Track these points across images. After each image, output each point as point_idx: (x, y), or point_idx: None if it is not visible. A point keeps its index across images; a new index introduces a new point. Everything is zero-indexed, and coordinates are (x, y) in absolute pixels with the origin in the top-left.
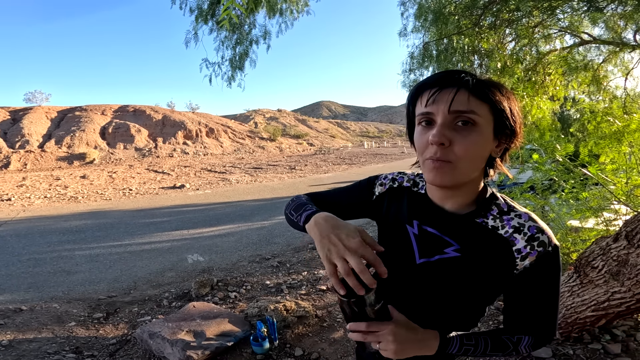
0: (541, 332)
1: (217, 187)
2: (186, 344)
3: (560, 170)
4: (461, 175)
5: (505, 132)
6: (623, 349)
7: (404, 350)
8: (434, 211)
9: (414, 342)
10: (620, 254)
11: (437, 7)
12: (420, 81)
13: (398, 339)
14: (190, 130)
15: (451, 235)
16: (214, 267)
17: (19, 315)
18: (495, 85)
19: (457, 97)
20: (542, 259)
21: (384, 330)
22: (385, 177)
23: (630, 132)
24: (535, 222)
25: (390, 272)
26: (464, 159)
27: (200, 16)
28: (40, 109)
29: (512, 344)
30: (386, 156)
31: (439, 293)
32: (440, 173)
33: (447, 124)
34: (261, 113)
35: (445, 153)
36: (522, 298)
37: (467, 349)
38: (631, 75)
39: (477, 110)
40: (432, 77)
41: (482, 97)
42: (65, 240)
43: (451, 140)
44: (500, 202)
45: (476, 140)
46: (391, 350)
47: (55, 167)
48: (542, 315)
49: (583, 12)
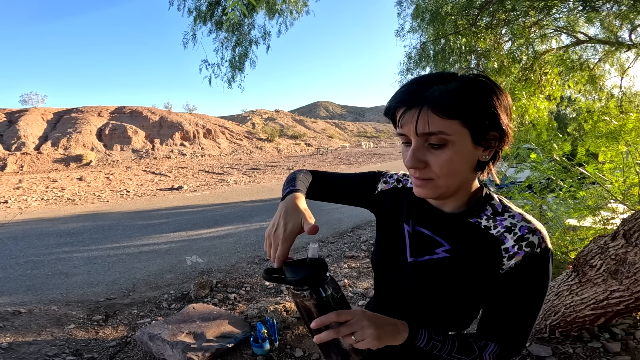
0: (509, 341)
1: (215, 188)
2: (186, 345)
3: (557, 169)
4: (445, 189)
5: (489, 136)
6: (622, 347)
7: (382, 336)
8: (430, 212)
9: (387, 326)
10: (618, 252)
11: (434, 7)
12: (391, 97)
13: (373, 322)
14: (187, 132)
15: (443, 236)
16: (213, 269)
17: (17, 317)
18: (470, 91)
19: (420, 118)
20: (528, 260)
21: (356, 317)
22: (390, 176)
23: (627, 131)
24: (528, 223)
25: (384, 268)
26: (443, 176)
27: (199, 17)
28: (36, 111)
29: (478, 349)
30: (384, 156)
31: (429, 293)
32: (423, 189)
33: (419, 146)
34: (259, 114)
35: (424, 173)
36: (499, 301)
37: (434, 345)
38: (627, 74)
39: (446, 129)
40: (399, 93)
41: (449, 114)
42: (63, 243)
43: (426, 162)
44: (495, 202)
45: (450, 157)
46: (371, 336)
47: (52, 169)
48: (514, 323)
49: (579, 11)
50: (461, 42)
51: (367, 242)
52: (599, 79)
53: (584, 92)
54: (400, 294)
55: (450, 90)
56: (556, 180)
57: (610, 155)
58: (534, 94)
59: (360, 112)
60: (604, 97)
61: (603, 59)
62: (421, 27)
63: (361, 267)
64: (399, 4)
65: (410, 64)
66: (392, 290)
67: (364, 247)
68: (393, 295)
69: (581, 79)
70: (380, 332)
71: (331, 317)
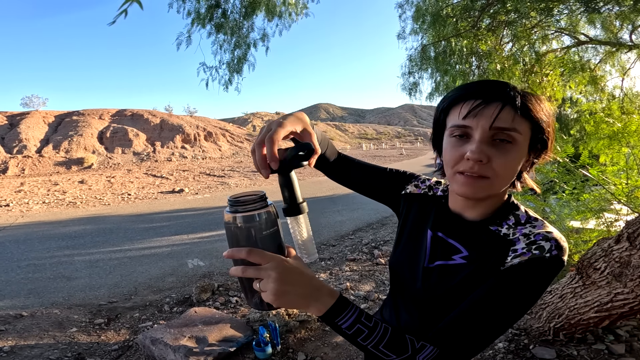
0: (456, 349)
1: (216, 191)
2: (188, 350)
3: (560, 171)
4: (495, 190)
5: (538, 147)
6: (627, 349)
7: (285, 296)
8: (451, 218)
9: (302, 287)
10: (623, 255)
11: (435, 9)
12: (458, 90)
13: (283, 276)
14: (188, 134)
15: (462, 242)
16: (215, 272)
17: (19, 321)
18: (537, 100)
19: (502, 113)
20: (532, 262)
21: (268, 262)
22: (423, 181)
23: (630, 132)
24: (547, 231)
25: (401, 271)
26: (501, 176)
27: (198, 19)
28: (37, 114)
29: (412, 349)
30: (385, 158)
31: (442, 298)
32: (474, 187)
33: (485, 139)
34: (259, 116)
35: (483, 169)
36: (474, 297)
37: (359, 329)
38: (628, 75)
39: (519, 128)
40: (472, 87)
41: (525, 114)
42: (65, 246)
43: (489, 157)
44: (520, 213)
45: (514, 157)
46: (270, 290)
47: (53, 172)
48: (475, 328)
49: (580, 12)
50: (462, 44)
51: (369, 244)
52: (600, 80)
53: (585, 93)
54: (415, 298)
55: (526, 94)
56: (559, 182)
57: (611, 156)
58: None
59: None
60: (606, 98)
61: (604, 60)
62: (422, 29)
63: (363, 269)
64: (399, 7)
65: (412, 66)
66: (407, 294)
67: (366, 249)
68: (407, 298)
69: (582, 80)
70: (285, 290)
71: (241, 253)
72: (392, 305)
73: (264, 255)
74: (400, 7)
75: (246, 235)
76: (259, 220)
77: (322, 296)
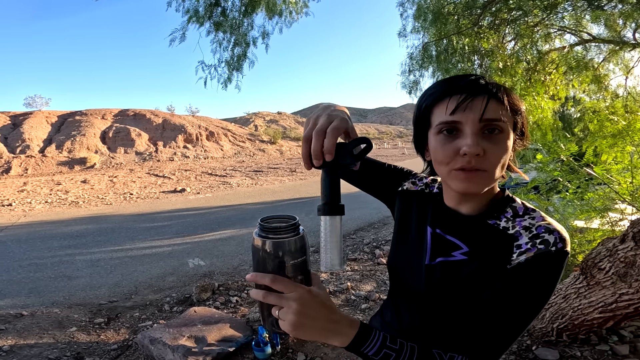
0: (483, 354)
1: (217, 190)
2: (187, 349)
3: (564, 170)
4: (492, 182)
5: (518, 134)
6: (631, 350)
7: (305, 327)
8: (448, 214)
9: (322, 321)
10: (628, 255)
11: (436, 7)
12: (439, 86)
13: (304, 309)
14: (190, 134)
15: (461, 238)
16: (215, 272)
17: (20, 320)
18: (511, 90)
19: (489, 105)
20: (539, 258)
21: (291, 292)
22: (420, 178)
23: (634, 131)
24: (548, 224)
25: (401, 270)
26: (497, 166)
27: (195, 17)
28: (40, 114)
29: None
30: (387, 157)
31: (443, 295)
32: (473, 182)
33: (477, 132)
34: (261, 116)
35: (480, 162)
36: (489, 301)
37: (386, 354)
38: (631, 73)
39: (504, 117)
40: (454, 81)
41: (508, 105)
42: (66, 245)
43: (484, 149)
44: (517, 204)
45: (506, 147)
46: (289, 321)
47: (56, 172)
48: (497, 331)
49: (583, 10)
50: (464, 42)
51: (370, 244)
52: (603, 79)
53: (589, 91)
54: (416, 297)
55: (500, 85)
56: (563, 181)
57: (614, 155)
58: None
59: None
60: (609, 97)
61: (607, 59)
62: (423, 27)
63: (364, 269)
64: (400, 5)
65: (413, 64)
66: (408, 293)
67: (367, 249)
68: (408, 298)
69: (585, 79)
70: (303, 323)
71: (265, 279)
72: (392, 308)
73: (287, 284)
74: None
75: (273, 262)
76: (289, 247)
77: (343, 329)
